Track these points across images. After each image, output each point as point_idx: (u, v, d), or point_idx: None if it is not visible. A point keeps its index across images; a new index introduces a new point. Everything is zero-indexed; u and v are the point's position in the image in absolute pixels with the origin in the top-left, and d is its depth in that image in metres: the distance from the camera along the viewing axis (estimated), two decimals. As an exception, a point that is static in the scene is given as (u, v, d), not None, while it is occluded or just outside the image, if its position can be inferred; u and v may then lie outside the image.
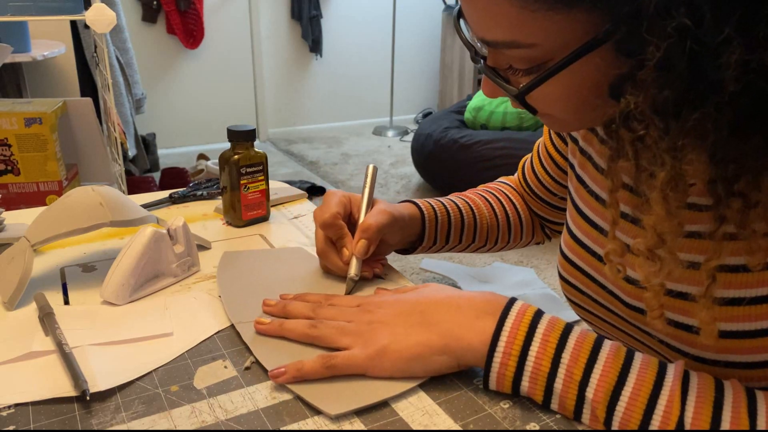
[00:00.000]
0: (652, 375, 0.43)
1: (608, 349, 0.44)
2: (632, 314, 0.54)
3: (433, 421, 0.45)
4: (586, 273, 0.58)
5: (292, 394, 0.48)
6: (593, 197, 0.58)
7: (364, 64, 4.50)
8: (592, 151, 0.59)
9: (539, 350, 0.45)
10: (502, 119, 2.96)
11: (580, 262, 0.59)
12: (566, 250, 0.61)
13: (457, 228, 0.75)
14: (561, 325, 0.46)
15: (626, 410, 0.42)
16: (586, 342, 0.45)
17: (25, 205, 1.28)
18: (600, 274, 0.57)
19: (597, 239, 0.57)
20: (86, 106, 1.37)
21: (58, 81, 2.40)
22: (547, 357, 0.45)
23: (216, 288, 0.65)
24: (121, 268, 0.61)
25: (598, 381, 0.43)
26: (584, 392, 0.43)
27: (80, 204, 0.64)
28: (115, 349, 0.53)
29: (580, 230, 0.60)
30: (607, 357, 0.44)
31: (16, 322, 0.58)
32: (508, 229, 0.79)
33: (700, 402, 0.41)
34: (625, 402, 0.42)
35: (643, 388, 0.42)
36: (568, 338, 0.45)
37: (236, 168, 0.79)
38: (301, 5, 4.05)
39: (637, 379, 0.42)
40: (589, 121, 0.48)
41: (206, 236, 0.78)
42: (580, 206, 0.60)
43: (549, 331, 0.46)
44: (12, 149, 1.26)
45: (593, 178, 0.58)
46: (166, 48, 3.72)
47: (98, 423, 0.44)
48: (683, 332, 0.49)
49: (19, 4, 1.39)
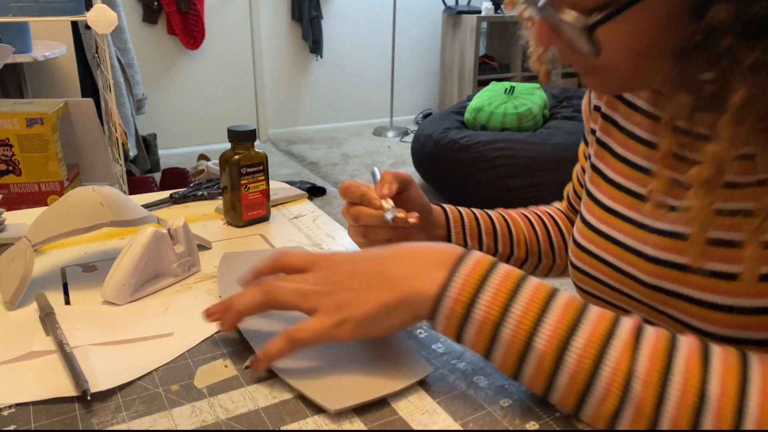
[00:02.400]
0: (606, 325, 0.41)
1: (562, 300, 0.43)
2: (652, 294, 0.54)
3: (433, 419, 0.45)
4: (601, 259, 0.59)
5: (292, 393, 0.48)
6: (611, 185, 0.59)
7: (364, 64, 4.50)
8: (618, 116, 0.60)
9: (490, 299, 0.43)
10: (501, 120, 2.96)
11: (595, 249, 0.59)
12: (580, 238, 0.62)
13: (489, 233, 0.71)
14: (516, 276, 0.45)
15: (579, 356, 0.40)
16: (540, 292, 0.43)
17: (27, 205, 1.28)
18: (618, 259, 0.57)
19: (615, 224, 0.58)
20: (87, 107, 1.37)
21: (59, 81, 2.40)
22: (497, 306, 0.43)
23: (216, 288, 0.65)
24: (121, 268, 0.61)
25: (549, 331, 0.41)
26: (533, 342, 0.42)
27: (81, 204, 0.64)
28: (116, 349, 0.53)
29: (594, 217, 0.60)
30: (562, 307, 0.42)
31: (17, 322, 0.58)
32: (551, 248, 0.75)
33: (654, 354, 0.40)
34: (577, 350, 0.40)
35: (595, 336, 0.41)
36: (522, 288, 0.44)
37: (237, 168, 0.79)
38: (301, 6, 4.06)
39: (592, 328, 0.41)
40: (646, 77, 0.46)
41: (207, 236, 0.79)
42: (606, 171, 0.60)
43: (503, 281, 0.44)
44: (13, 149, 1.26)
45: (621, 143, 0.59)
46: (166, 48, 3.72)
47: (99, 423, 0.44)
48: (708, 310, 0.49)
49: (21, 5, 1.39)
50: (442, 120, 3.15)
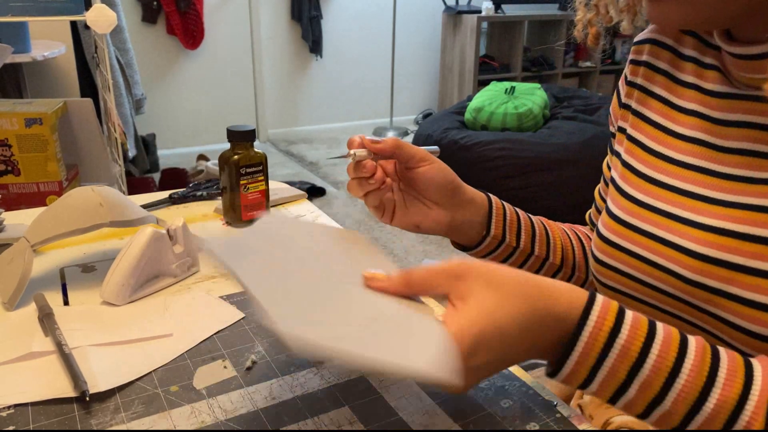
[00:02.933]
0: (739, 384, 0.41)
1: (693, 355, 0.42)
2: (694, 291, 0.52)
3: (433, 421, 0.45)
4: (633, 253, 0.57)
5: (292, 394, 0.48)
6: (654, 155, 0.58)
7: (364, 64, 4.50)
8: (651, 112, 0.59)
9: (603, 381, 0.41)
10: (502, 120, 2.96)
11: (625, 243, 0.58)
12: (607, 232, 0.60)
13: (528, 231, 0.68)
14: (635, 351, 0.42)
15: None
16: (671, 349, 0.42)
17: (26, 205, 1.28)
18: (654, 253, 0.55)
19: (650, 219, 0.56)
20: (86, 107, 1.37)
21: (58, 81, 2.40)
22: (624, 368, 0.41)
23: (216, 289, 0.65)
24: (120, 268, 0.61)
25: (678, 393, 0.40)
26: (663, 399, 0.41)
27: (80, 204, 0.64)
28: (115, 350, 0.53)
29: (624, 211, 0.59)
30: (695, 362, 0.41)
31: (16, 322, 0.58)
32: (585, 263, 0.73)
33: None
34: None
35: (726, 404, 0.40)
36: (655, 333, 0.42)
37: (236, 168, 0.79)
38: (301, 6, 4.06)
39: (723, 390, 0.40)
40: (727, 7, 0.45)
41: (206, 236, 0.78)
42: (637, 166, 0.59)
43: (620, 359, 0.42)
44: (12, 149, 1.26)
45: (653, 137, 0.58)
46: (166, 48, 3.72)
47: (98, 423, 0.44)
48: (750, 309, 0.48)
49: (20, 5, 1.39)
50: (443, 120, 3.15)
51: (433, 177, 0.62)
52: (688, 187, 0.53)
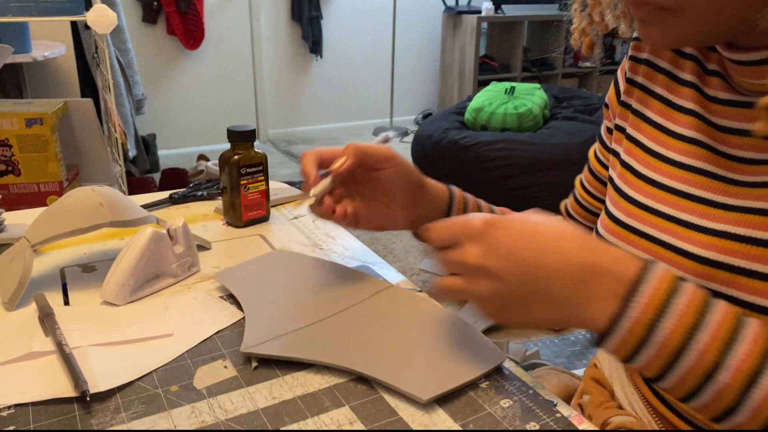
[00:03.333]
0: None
1: (753, 329, 0.42)
2: (708, 271, 0.51)
3: (433, 420, 0.45)
4: (643, 233, 0.56)
5: (292, 394, 0.48)
6: (653, 156, 0.57)
7: (364, 65, 4.50)
8: (651, 113, 0.58)
9: (673, 327, 0.42)
10: (502, 120, 2.96)
11: (625, 245, 0.57)
12: (606, 234, 0.60)
13: None
14: (702, 297, 0.43)
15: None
16: (726, 320, 0.42)
17: (26, 205, 1.28)
18: (666, 233, 0.54)
19: (650, 221, 0.55)
20: (87, 107, 1.37)
21: (58, 82, 2.40)
22: (682, 331, 0.42)
23: (216, 289, 0.65)
24: (121, 268, 0.61)
25: (735, 365, 0.41)
26: (716, 374, 0.41)
27: (80, 204, 0.64)
28: (115, 350, 0.53)
29: (624, 213, 0.58)
30: (752, 338, 0.42)
31: (16, 322, 0.58)
32: None
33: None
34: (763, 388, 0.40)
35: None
36: (709, 309, 0.42)
37: (236, 168, 0.79)
38: (301, 6, 4.06)
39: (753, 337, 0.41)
40: (718, 21, 0.44)
41: (206, 236, 0.78)
42: (636, 167, 0.58)
43: (690, 303, 0.42)
44: (13, 150, 1.26)
45: (653, 138, 0.57)
46: (166, 49, 3.72)
47: (98, 423, 0.44)
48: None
49: (20, 5, 1.39)
50: (442, 120, 3.15)
51: (397, 178, 0.63)
52: (688, 189, 0.53)
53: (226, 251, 0.75)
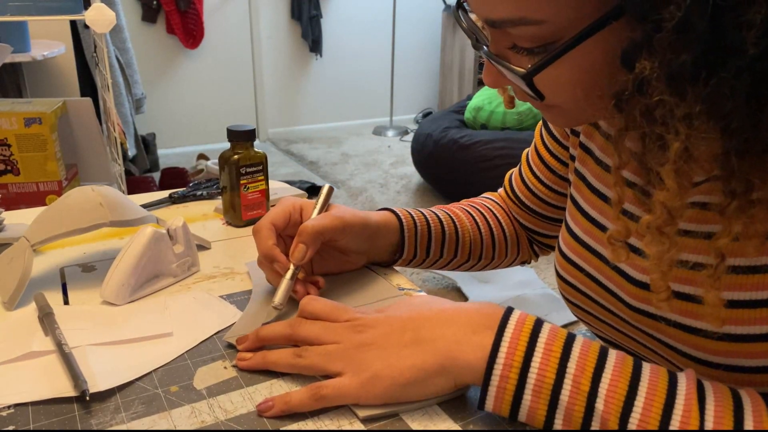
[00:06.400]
0: (663, 383, 0.40)
1: (615, 359, 0.42)
2: (635, 317, 0.53)
3: (433, 421, 0.45)
4: (586, 272, 0.58)
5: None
6: (595, 194, 0.57)
7: (364, 63, 4.50)
8: (594, 146, 0.58)
9: (542, 360, 0.42)
10: (502, 119, 2.96)
11: (580, 261, 0.58)
12: (565, 248, 0.60)
13: (438, 240, 0.71)
14: (563, 334, 0.44)
15: (641, 420, 0.39)
16: (591, 351, 0.42)
17: (25, 205, 1.28)
18: (601, 274, 0.56)
19: (599, 237, 0.56)
20: (86, 106, 1.37)
21: (57, 81, 2.40)
22: (552, 367, 0.42)
23: (216, 288, 0.65)
24: (120, 268, 0.61)
25: (607, 391, 0.40)
26: (593, 403, 0.40)
27: (80, 204, 0.64)
28: (115, 349, 0.53)
29: (579, 227, 0.59)
30: (614, 366, 0.41)
31: (16, 322, 0.58)
32: (492, 245, 0.75)
33: (719, 409, 0.39)
34: (639, 412, 0.39)
35: (657, 397, 0.40)
36: (572, 347, 0.42)
37: (236, 168, 0.79)
38: (301, 5, 4.06)
39: (649, 387, 0.40)
40: (598, 110, 0.45)
41: (206, 236, 0.78)
42: (580, 203, 0.59)
43: (552, 340, 0.43)
44: (12, 149, 1.26)
45: (595, 174, 0.58)
46: (165, 48, 3.72)
47: (98, 423, 0.44)
48: (690, 335, 0.48)
49: (19, 4, 1.39)
50: (442, 119, 3.15)
51: (351, 240, 0.64)
52: (632, 209, 0.52)
53: (226, 251, 0.75)
